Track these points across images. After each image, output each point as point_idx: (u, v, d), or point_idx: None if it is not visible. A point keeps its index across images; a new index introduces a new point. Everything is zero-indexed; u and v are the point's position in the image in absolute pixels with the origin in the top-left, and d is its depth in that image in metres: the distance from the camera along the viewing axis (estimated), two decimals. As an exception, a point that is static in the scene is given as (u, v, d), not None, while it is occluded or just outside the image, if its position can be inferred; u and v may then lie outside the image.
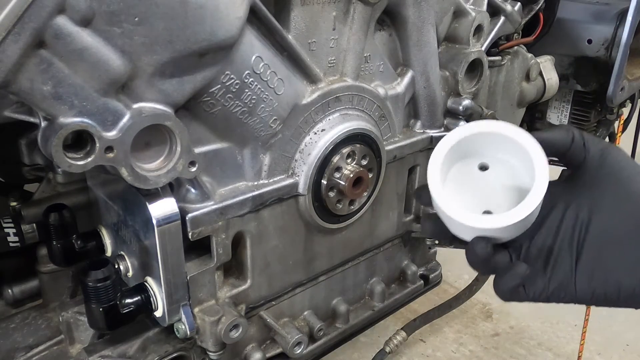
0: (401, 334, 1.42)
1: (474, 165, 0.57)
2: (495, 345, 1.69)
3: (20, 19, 0.47)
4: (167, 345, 0.79)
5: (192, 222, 0.69)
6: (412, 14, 0.85)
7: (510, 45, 1.13)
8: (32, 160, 0.76)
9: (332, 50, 0.78)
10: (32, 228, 0.81)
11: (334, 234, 0.89)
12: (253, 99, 0.69)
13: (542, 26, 1.21)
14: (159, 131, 0.61)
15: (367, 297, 1.05)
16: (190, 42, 0.58)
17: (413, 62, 0.90)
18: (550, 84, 1.24)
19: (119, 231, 0.75)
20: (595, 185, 0.56)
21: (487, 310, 1.84)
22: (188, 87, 0.62)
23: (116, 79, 0.55)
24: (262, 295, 0.83)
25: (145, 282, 0.71)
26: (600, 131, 1.44)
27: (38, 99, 0.52)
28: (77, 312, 0.83)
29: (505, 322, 1.78)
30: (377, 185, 0.90)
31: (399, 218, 1.01)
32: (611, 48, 1.21)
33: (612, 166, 0.56)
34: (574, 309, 1.45)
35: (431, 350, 1.66)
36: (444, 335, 1.72)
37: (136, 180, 0.61)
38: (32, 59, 0.50)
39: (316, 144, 0.78)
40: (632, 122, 1.64)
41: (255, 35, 0.67)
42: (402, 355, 1.63)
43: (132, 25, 0.54)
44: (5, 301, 0.87)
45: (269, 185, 0.76)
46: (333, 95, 0.78)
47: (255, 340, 0.87)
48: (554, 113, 1.41)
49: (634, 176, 0.56)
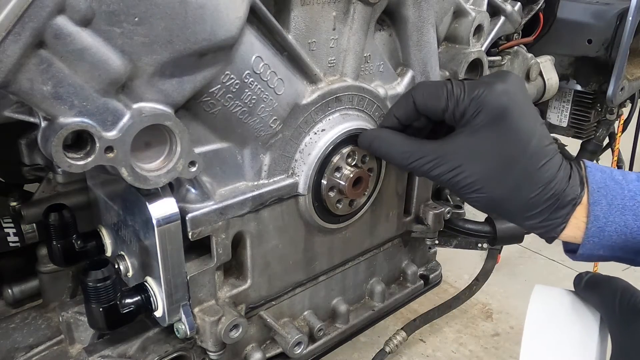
0: (401, 334, 1.42)
1: None
2: (495, 345, 1.69)
3: (20, 19, 0.47)
4: (167, 345, 0.79)
5: (192, 222, 0.69)
6: (412, 14, 0.85)
7: (510, 45, 1.13)
8: (32, 160, 0.76)
9: (332, 50, 0.78)
10: (32, 228, 0.81)
11: (334, 234, 0.89)
12: (253, 99, 0.69)
13: (542, 26, 1.21)
14: (159, 131, 0.61)
15: (367, 297, 1.05)
16: (190, 42, 0.58)
17: (413, 62, 0.90)
18: (550, 84, 1.24)
19: (119, 231, 0.75)
20: (467, 142, 0.68)
21: (487, 310, 1.84)
22: (188, 87, 0.62)
23: (116, 79, 0.55)
24: (262, 295, 0.83)
25: (145, 282, 0.71)
26: (600, 131, 1.44)
27: (38, 99, 0.52)
28: (77, 312, 0.83)
29: (505, 322, 1.79)
30: (377, 185, 0.90)
31: (399, 218, 1.01)
32: (611, 48, 1.21)
33: (481, 121, 0.66)
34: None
35: (431, 350, 1.66)
36: (444, 335, 1.72)
37: (136, 180, 0.61)
38: (32, 59, 0.50)
39: (316, 144, 0.78)
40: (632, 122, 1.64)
41: (255, 35, 0.67)
42: (402, 355, 1.63)
43: (132, 25, 0.54)
44: (5, 301, 0.87)
45: (269, 185, 0.76)
46: (333, 95, 0.78)
47: (255, 340, 0.87)
48: (554, 113, 1.41)
49: (503, 122, 0.66)
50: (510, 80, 0.67)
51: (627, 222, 0.66)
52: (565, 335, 0.59)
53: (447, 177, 0.69)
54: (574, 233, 0.69)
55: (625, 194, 0.67)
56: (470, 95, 0.66)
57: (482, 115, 0.66)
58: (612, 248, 0.68)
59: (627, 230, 0.66)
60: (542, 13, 1.20)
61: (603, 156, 1.60)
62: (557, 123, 1.41)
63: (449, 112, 0.68)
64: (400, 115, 0.74)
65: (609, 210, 0.66)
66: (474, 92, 0.66)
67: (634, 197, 0.66)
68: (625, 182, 0.68)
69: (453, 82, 0.68)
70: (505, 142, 0.66)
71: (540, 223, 0.69)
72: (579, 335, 0.59)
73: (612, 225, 0.66)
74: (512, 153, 0.66)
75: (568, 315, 0.61)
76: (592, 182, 0.68)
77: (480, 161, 0.67)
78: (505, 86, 0.66)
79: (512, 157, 0.66)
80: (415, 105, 0.71)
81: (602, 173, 0.69)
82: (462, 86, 0.68)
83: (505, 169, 0.66)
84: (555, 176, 0.67)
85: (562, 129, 1.41)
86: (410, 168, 0.71)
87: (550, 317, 0.61)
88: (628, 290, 0.58)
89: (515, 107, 0.66)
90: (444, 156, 0.68)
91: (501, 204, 0.69)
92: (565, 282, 0.66)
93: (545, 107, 1.40)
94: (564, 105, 1.39)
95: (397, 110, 0.74)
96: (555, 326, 0.60)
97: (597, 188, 0.67)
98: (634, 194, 0.66)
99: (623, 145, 1.66)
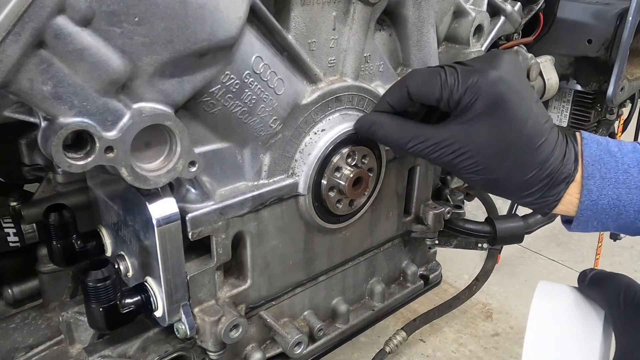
0: (401, 334, 1.42)
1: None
2: (495, 345, 1.69)
3: (20, 19, 0.47)
4: (167, 345, 0.79)
5: (192, 222, 0.69)
6: (412, 14, 0.85)
7: (510, 45, 1.13)
8: (32, 160, 0.76)
9: (332, 50, 0.78)
10: (32, 228, 0.81)
11: (334, 234, 0.89)
12: (253, 99, 0.69)
13: (542, 26, 1.21)
14: (159, 131, 0.61)
15: (367, 297, 1.05)
16: (190, 42, 0.58)
17: (413, 62, 0.90)
18: (550, 84, 1.24)
19: (119, 231, 0.75)
20: (464, 128, 0.68)
21: (487, 310, 1.84)
22: (188, 87, 0.62)
23: (116, 79, 0.55)
24: (262, 295, 0.83)
25: (145, 282, 0.71)
26: (600, 131, 1.44)
27: (38, 99, 0.52)
28: (77, 312, 0.83)
29: (505, 322, 1.79)
30: (377, 185, 0.90)
31: (399, 218, 1.01)
32: (611, 48, 1.21)
33: (477, 108, 0.67)
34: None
35: (431, 350, 1.66)
36: (444, 335, 1.72)
37: (136, 180, 0.61)
38: (32, 59, 0.50)
39: (316, 144, 0.78)
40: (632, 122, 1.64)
41: (255, 35, 0.67)
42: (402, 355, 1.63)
43: (132, 25, 0.54)
44: (5, 301, 0.87)
45: (269, 185, 0.76)
46: (333, 95, 0.78)
47: (255, 340, 0.87)
48: (554, 113, 1.41)
49: (499, 107, 0.66)
50: (504, 65, 0.67)
51: (620, 195, 0.67)
52: (569, 332, 0.59)
53: (447, 160, 0.70)
54: (567, 208, 0.70)
55: (619, 167, 0.67)
56: (465, 84, 0.66)
57: (478, 103, 0.66)
58: (606, 220, 0.69)
59: (619, 204, 0.67)
60: (542, 13, 1.20)
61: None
62: (557, 123, 1.41)
63: (443, 101, 0.68)
64: (394, 102, 0.74)
65: (602, 183, 0.68)
66: (468, 81, 0.66)
67: (627, 170, 0.67)
68: (621, 154, 0.68)
69: (447, 70, 0.68)
70: (502, 129, 0.67)
71: (535, 200, 0.71)
72: (583, 332, 0.59)
73: (605, 198, 0.68)
74: (509, 138, 0.67)
75: (572, 312, 0.61)
76: (587, 155, 0.69)
77: (478, 146, 0.68)
78: (499, 72, 0.66)
79: (509, 142, 0.67)
80: (409, 93, 0.72)
81: (597, 145, 0.69)
82: (455, 74, 0.67)
83: (502, 153, 0.68)
84: (551, 156, 0.68)
85: (562, 129, 1.41)
86: (409, 152, 0.72)
87: (554, 314, 0.61)
88: (632, 286, 0.58)
89: (510, 93, 0.66)
90: (443, 140, 0.69)
91: (498, 183, 0.71)
92: (564, 282, 0.66)
93: (545, 107, 1.40)
94: (564, 105, 1.39)
95: (391, 98, 0.74)
96: (558, 322, 0.61)
97: (591, 162, 0.68)
98: (627, 167, 0.67)
99: (623, 145, 1.66)
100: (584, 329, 0.59)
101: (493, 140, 0.67)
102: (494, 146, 0.68)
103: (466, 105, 0.67)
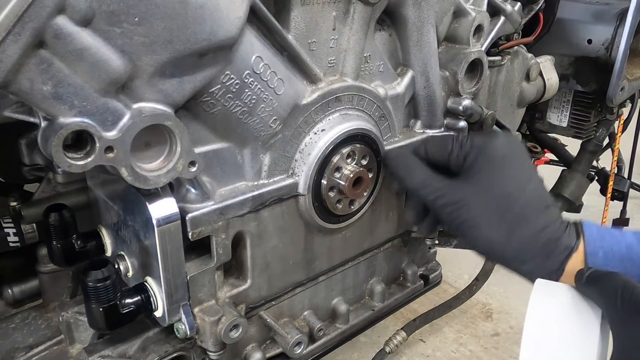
0: (401, 334, 1.42)
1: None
2: (495, 345, 1.69)
3: (20, 19, 0.47)
4: (167, 345, 0.79)
5: (192, 222, 0.69)
6: (412, 14, 0.85)
7: (510, 45, 1.13)
8: (32, 160, 0.76)
9: (332, 50, 0.78)
10: (32, 228, 0.81)
11: (333, 234, 0.89)
12: (253, 99, 0.69)
13: (542, 26, 1.21)
14: (159, 131, 0.61)
15: (367, 297, 1.05)
16: (190, 42, 0.58)
17: (413, 62, 0.90)
18: (550, 84, 1.24)
19: (119, 231, 0.75)
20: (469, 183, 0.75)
21: (487, 310, 1.84)
22: (188, 87, 0.62)
23: (116, 79, 0.55)
24: (262, 295, 0.83)
25: (145, 282, 0.71)
26: (600, 131, 1.44)
27: (38, 99, 0.52)
28: (77, 312, 0.83)
29: (505, 322, 1.79)
30: (377, 185, 0.90)
31: (399, 218, 1.01)
32: (611, 48, 1.21)
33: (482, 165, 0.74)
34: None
35: (431, 350, 1.66)
36: (444, 335, 1.72)
37: (136, 180, 0.61)
38: (32, 59, 0.50)
39: (316, 144, 0.78)
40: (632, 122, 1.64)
41: (255, 35, 0.67)
42: (402, 355, 1.63)
43: (132, 25, 0.54)
44: (5, 301, 0.87)
45: (269, 185, 0.76)
46: (333, 95, 0.78)
47: (255, 340, 0.87)
48: (554, 113, 1.41)
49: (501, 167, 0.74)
50: (510, 136, 0.77)
51: (626, 269, 0.67)
52: (566, 331, 0.59)
53: (449, 210, 0.75)
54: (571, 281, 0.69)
55: (621, 243, 0.69)
56: (472, 142, 0.76)
57: (482, 160, 0.74)
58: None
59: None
60: (542, 13, 1.20)
61: (603, 156, 1.60)
62: (557, 123, 1.41)
63: (453, 155, 0.77)
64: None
65: (605, 259, 0.69)
66: (476, 141, 0.76)
67: (630, 247, 0.69)
68: (622, 235, 0.70)
69: (460, 135, 0.78)
70: (502, 187, 0.72)
71: (536, 268, 0.72)
72: (580, 331, 0.59)
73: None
74: (509, 198, 0.72)
75: (569, 311, 0.61)
76: (589, 234, 0.71)
77: (479, 201, 0.73)
78: (505, 139, 0.76)
79: (508, 202, 0.72)
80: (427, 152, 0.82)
81: (598, 228, 0.72)
82: (467, 137, 0.78)
83: (501, 212, 0.72)
84: (550, 224, 0.71)
85: (562, 129, 1.41)
86: (418, 195, 0.79)
87: (551, 313, 0.61)
88: (629, 285, 0.58)
89: (513, 156, 0.74)
90: (449, 192, 0.75)
91: (497, 247, 0.73)
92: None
93: (545, 107, 1.40)
94: (564, 105, 1.39)
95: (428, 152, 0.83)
96: (556, 322, 0.61)
97: (593, 240, 0.71)
98: (630, 244, 0.69)
99: (623, 145, 1.66)
100: (581, 328, 0.59)
101: (493, 195, 0.72)
102: (494, 201, 0.72)
103: (472, 160, 0.75)
